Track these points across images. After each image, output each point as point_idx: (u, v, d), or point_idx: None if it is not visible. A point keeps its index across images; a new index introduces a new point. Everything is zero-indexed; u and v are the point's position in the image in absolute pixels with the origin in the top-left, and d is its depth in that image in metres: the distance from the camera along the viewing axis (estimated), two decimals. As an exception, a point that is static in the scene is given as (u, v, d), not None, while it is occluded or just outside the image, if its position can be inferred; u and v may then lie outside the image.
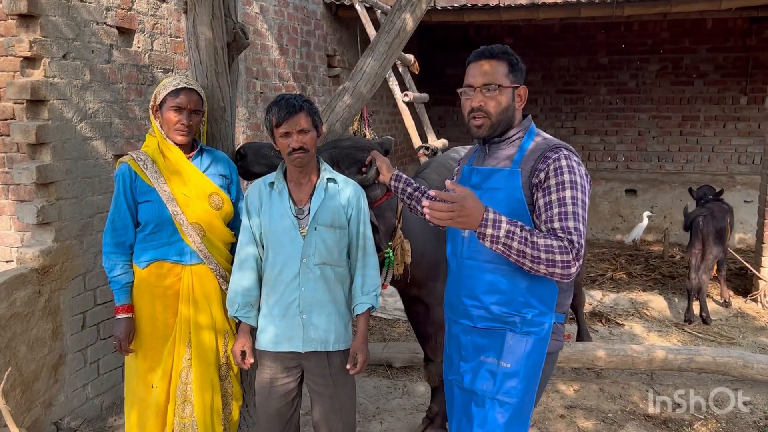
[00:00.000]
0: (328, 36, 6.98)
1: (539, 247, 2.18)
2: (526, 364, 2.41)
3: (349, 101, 3.40)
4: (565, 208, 2.25)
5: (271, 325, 2.85)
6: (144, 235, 2.98)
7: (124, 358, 4.00)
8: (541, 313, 2.40)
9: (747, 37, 9.69)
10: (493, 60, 2.41)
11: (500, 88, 2.39)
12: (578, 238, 2.22)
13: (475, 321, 2.49)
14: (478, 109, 2.41)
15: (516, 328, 2.41)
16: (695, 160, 10.16)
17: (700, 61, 9.99)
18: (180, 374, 3.01)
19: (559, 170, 2.29)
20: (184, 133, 2.96)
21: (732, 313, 6.36)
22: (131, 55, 3.99)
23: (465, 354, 2.55)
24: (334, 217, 2.84)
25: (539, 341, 2.41)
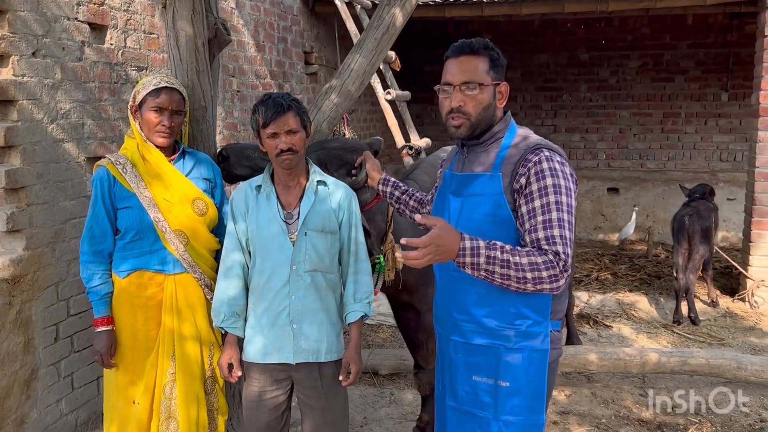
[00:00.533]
0: (305, 32, 6.89)
1: (523, 267, 2.08)
2: (528, 379, 2.30)
3: (337, 100, 3.33)
4: (550, 215, 2.13)
5: (259, 336, 2.77)
6: (124, 243, 2.88)
7: (100, 371, 3.92)
8: (536, 323, 2.29)
9: (727, 33, 9.79)
10: (474, 56, 2.28)
11: (481, 87, 2.26)
12: (564, 247, 2.11)
13: (466, 336, 2.37)
14: (457, 109, 2.28)
15: (510, 342, 2.29)
16: (677, 158, 10.24)
17: (681, 57, 10.07)
18: (164, 389, 2.92)
19: (541, 174, 2.17)
20: (166, 135, 2.86)
21: (720, 313, 6.41)
22: (104, 52, 3.88)
23: (457, 373, 2.42)
24: (325, 222, 2.77)
25: (538, 353, 2.30)
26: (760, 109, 6.26)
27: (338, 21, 7.30)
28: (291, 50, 6.58)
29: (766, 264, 6.40)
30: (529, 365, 2.29)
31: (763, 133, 6.27)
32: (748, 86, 9.76)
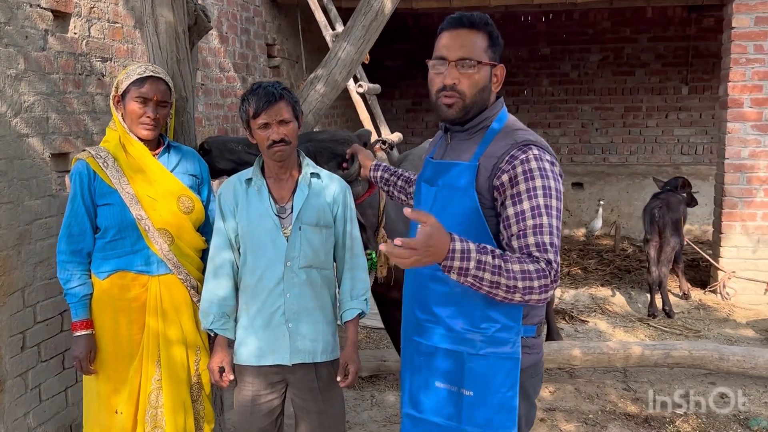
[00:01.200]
0: (267, 24, 6.78)
1: (515, 275, 1.89)
2: (494, 389, 2.11)
3: (323, 90, 3.27)
4: (540, 220, 1.96)
5: (253, 337, 2.70)
6: (104, 242, 2.77)
7: (69, 381, 3.77)
8: (505, 328, 2.10)
9: (686, 26, 10.02)
10: (473, 30, 2.10)
11: (479, 65, 2.08)
12: (554, 255, 1.96)
13: (428, 338, 2.21)
14: (451, 87, 2.09)
15: (475, 347, 2.11)
16: (639, 152, 10.44)
17: (641, 50, 10.28)
18: (149, 397, 2.81)
19: (530, 174, 1.99)
20: (150, 127, 2.76)
21: (693, 305, 6.54)
22: (67, 41, 3.72)
23: (418, 378, 2.27)
24: (320, 216, 2.71)
25: (506, 361, 2.10)
26: (729, 101, 6.40)
27: (301, 12, 7.22)
28: (254, 42, 6.47)
29: (736, 255, 6.55)
30: (495, 374, 2.11)
31: (732, 124, 6.42)
32: (707, 79, 10.05)
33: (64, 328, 3.75)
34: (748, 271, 6.51)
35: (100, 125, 3.98)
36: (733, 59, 6.33)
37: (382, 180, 2.92)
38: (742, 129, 6.40)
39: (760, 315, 6.25)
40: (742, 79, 6.35)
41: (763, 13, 6.24)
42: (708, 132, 10.21)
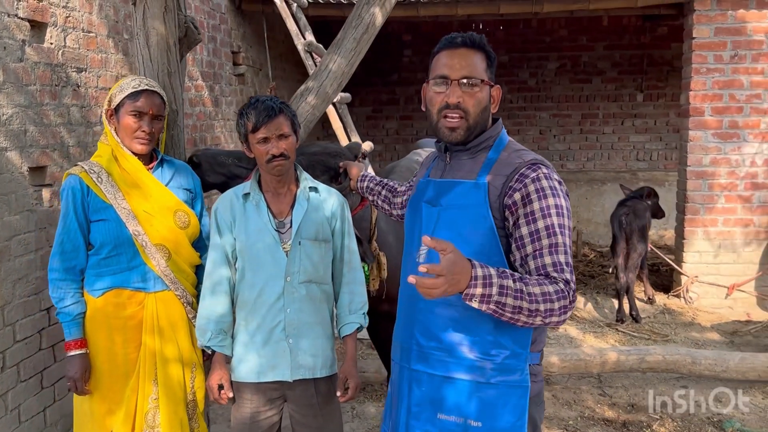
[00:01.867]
0: (233, 31, 6.75)
1: (537, 298, 1.87)
2: (503, 419, 2.06)
3: (314, 102, 3.28)
4: (555, 239, 1.96)
5: (253, 354, 2.69)
6: (99, 259, 2.73)
7: (48, 401, 3.70)
8: (514, 355, 2.05)
9: (641, 35, 10.31)
10: (473, 50, 2.10)
11: (481, 84, 2.08)
12: (571, 275, 1.95)
13: (433, 366, 2.13)
14: (455, 106, 2.07)
15: (485, 375, 2.06)
16: (596, 158, 10.69)
17: (598, 58, 10.53)
18: (146, 417, 2.78)
19: (542, 192, 1.99)
20: (146, 142, 2.74)
21: (658, 309, 6.72)
22: (44, 52, 3.66)
23: (418, 411, 2.17)
24: (319, 230, 2.72)
25: (516, 389, 2.06)
26: (690, 110, 6.61)
27: (267, 20, 7.20)
28: (220, 50, 6.43)
29: (699, 260, 6.76)
30: (505, 404, 2.06)
31: (693, 132, 6.64)
32: (662, 87, 10.36)
33: (42, 346, 3.68)
34: (710, 275, 6.73)
35: (75, 137, 3.92)
36: (694, 69, 6.55)
37: (368, 190, 2.93)
38: (703, 137, 6.62)
39: (723, 318, 6.47)
40: (703, 88, 6.57)
41: (722, 24, 6.48)
42: (663, 138, 10.51)
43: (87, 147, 4.04)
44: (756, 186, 6.64)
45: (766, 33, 6.47)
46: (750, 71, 6.52)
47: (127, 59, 4.53)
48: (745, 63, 6.51)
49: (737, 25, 6.47)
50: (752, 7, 6.44)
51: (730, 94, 6.57)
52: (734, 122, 6.60)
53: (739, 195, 6.68)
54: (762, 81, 6.52)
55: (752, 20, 6.46)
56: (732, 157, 6.63)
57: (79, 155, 3.94)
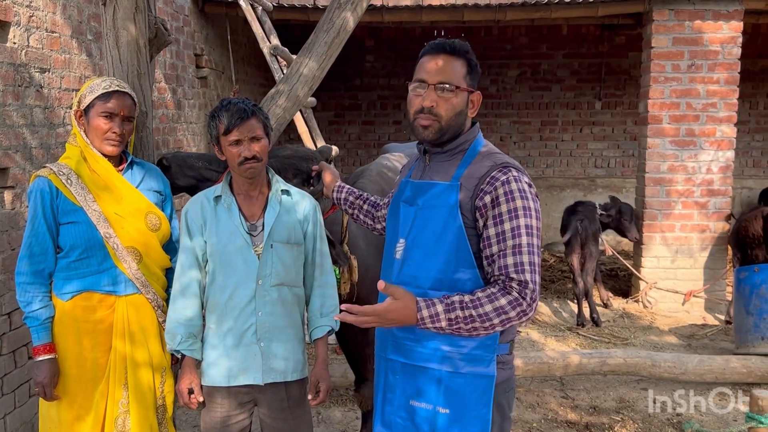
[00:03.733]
0: (195, 34, 6.70)
1: (488, 315, 2.04)
2: (470, 407, 2.18)
3: (285, 105, 3.28)
4: (519, 240, 2.08)
5: (224, 357, 2.68)
6: (68, 262, 2.69)
7: (7, 409, 3.62)
8: (482, 346, 2.17)
9: (599, 44, 10.52)
10: (453, 56, 2.22)
11: (456, 90, 2.19)
12: (532, 275, 2.07)
13: (407, 356, 2.26)
14: (428, 110, 2.19)
15: (454, 365, 2.18)
16: (555, 165, 10.86)
17: (557, 66, 10.71)
18: (116, 422, 2.75)
19: (510, 195, 2.10)
20: (116, 143, 2.71)
21: (618, 314, 6.87)
22: (7, 51, 3.60)
23: (392, 397, 2.31)
24: (290, 233, 2.72)
25: (482, 379, 2.18)
26: (649, 117, 6.78)
27: (230, 23, 7.18)
28: (183, 52, 6.38)
29: (656, 265, 6.93)
30: (472, 392, 2.18)
31: (651, 140, 6.80)
32: (619, 95, 10.59)
33: (2, 352, 3.62)
34: (667, 280, 6.90)
35: (38, 139, 3.87)
36: (653, 77, 6.72)
37: (346, 203, 2.94)
38: (661, 144, 6.80)
39: (680, 322, 6.64)
40: (661, 96, 6.75)
41: (680, 34, 6.66)
42: (620, 146, 10.73)
43: (50, 149, 3.98)
44: (712, 192, 6.83)
45: (722, 43, 6.67)
46: (706, 80, 6.72)
47: (91, 60, 4.48)
48: (702, 72, 6.71)
49: (694, 35, 6.67)
50: (708, 18, 6.64)
51: (687, 102, 6.76)
52: (691, 130, 6.78)
53: (696, 201, 6.87)
54: (718, 90, 6.72)
55: (708, 31, 6.66)
56: (689, 164, 6.82)
57: (42, 157, 3.88)
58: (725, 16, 6.64)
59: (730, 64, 6.72)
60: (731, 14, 6.65)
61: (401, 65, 10.75)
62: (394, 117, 10.98)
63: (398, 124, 10.95)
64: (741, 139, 8.98)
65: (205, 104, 6.96)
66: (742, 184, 10.14)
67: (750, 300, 5.41)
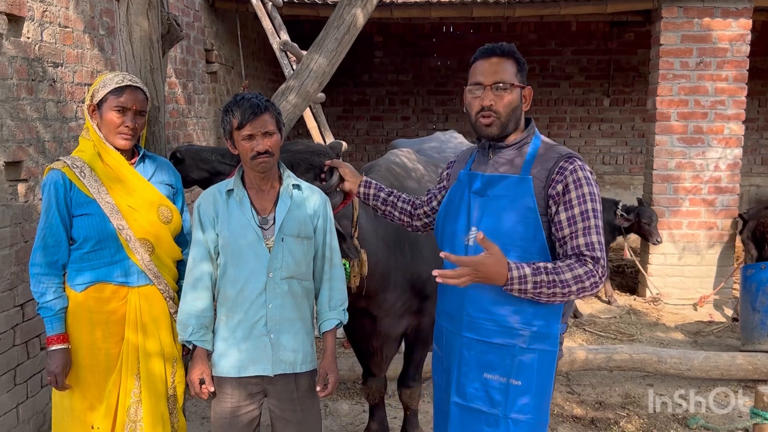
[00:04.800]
0: (206, 29, 6.74)
1: (568, 283, 2.27)
2: (538, 379, 2.45)
3: (295, 101, 3.32)
4: (588, 222, 2.34)
5: (234, 349, 2.71)
6: (81, 254, 2.73)
7: (20, 398, 3.67)
8: (549, 324, 2.44)
9: (608, 41, 10.52)
10: (504, 58, 2.45)
11: (511, 87, 2.43)
12: (601, 252, 2.34)
13: (482, 334, 2.49)
14: (488, 108, 2.43)
15: (525, 342, 2.44)
16: (563, 161, 10.83)
17: (566, 63, 10.72)
18: (128, 411, 2.79)
19: (578, 183, 2.37)
20: (129, 137, 2.75)
21: (624, 310, 6.89)
22: (21, 46, 3.64)
23: (467, 370, 2.54)
24: (301, 227, 2.76)
25: (549, 354, 2.46)
26: (657, 114, 6.79)
27: (239, 18, 7.21)
28: (193, 48, 6.42)
29: (664, 262, 6.95)
30: (540, 365, 2.44)
31: (660, 137, 6.81)
32: (628, 92, 10.58)
33: (16, 342, 3.67)
34: (674, 277, 6.92)
35: (51, 132, 3.91)
36: (661, 75, 6.72)
37: (377, 198, 3.02)
38: (669, 141, 6.80)
39: (687, 319, 6.65)
40: (669, 93, 6.75)
41: (689, 31, 6.66)
42: (628, 143, 10.72)
43: (62, 142, 4.03)
44: (719, 190, 6.83)
45: (731, 41, 6.67)
46: (715, 78, 6.72)
47: (103, 55, 4.52)
48: (710, 70, 6.71)
49: (703, 32, 6.66)
50: (717, 15, 6.64)
51: (696, 99, 6.76)
52: (699, 127, 6.79)
53: (703, 198, 6.87)
54: (726, 87, 6.72)
55: (717, 28, 6.66)
56: (697, 162, 6.82)
57: (54, 150, 3.93)
58: (734, 13, 6.64)
59: (739, 61, 6.72)
60: (740, 12, 6.64)
61: (410, 61, 10.78)
62: (403, 113, 11.00)
63: (406, 120, 10.98)
64: (749, 137, 8.97)
65: (214, 99, 7.00)
66: (750, 182, 10.14)
67: (756, 297, 5.42)
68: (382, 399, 4.00)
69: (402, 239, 3.49)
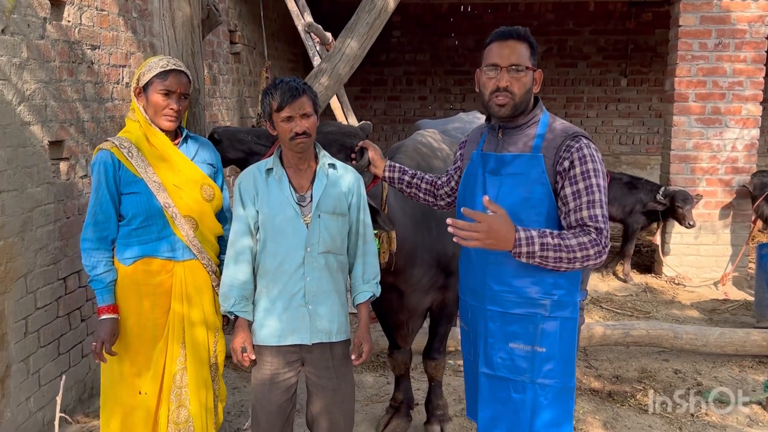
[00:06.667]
0: (230, 10, 6.86)
1: (573, 249, 2.38)
2: (561, 345, 2.58)
3: (327, 83, 3.46)
4: (592, 196, 2.45)
5: (274, 319, 2.87)
6: (130, 230, 2.91)
7: (64, 367, 3.87)
8: (569, 293, 2.56)
9: (626, 20, 10.56)
10: (519, 41, 2.54)
11: (526, 70, 2.53)
12: (604, 224, 2.45)
13: (505, 306, 2.61)
14: (504, 89, 2.51)
15: (547, 310, 2.55)
16: (580, 141, 10.91)
17: (583, 43, 10.77)
18: (174, 377, 2.98)
19: (583, 159, 2.47)
20: (173, 119, 2.91)
21: (641, 288, 7.02)
22: (63, 29, 3.79)
23: (493, 341, 2.67)
24: (336, 204, 2.90)
25: (569, 321, 2.58)
26: (675, 95, 6.87)
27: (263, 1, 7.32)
28: (218, 29, 6.53)
29: (680, 241, 7.07)
30: (562, 332, 2.58)
31: (677, 118, 6.90)
32: (645, 72, 10.63)
33: (59, 314, 3.85)
34: (690, 256, 7.05)
35: (90, 113, 4.07)
36: (680, 56, 6.80)
37: (401, 182, 3.15)
38: (686, 122, 6.89)
39: (702, 297, 6.78)
40: (688, 74, 6.83)
41: (708, 13, 6.73)
42: (645, 123, 10.80)
43: (100, 122, 4.19)
44: (736, 170, 6.93)
45: (749, 22, 6.73)
46: (733, 59, 6.79)
47: (136, 37, 4.67)
48: (729, 51, 6.78)
49: (722, 14, 6.73)
50: (736, -4, 6.70)
51: (714, 80, 6.84)
52: (717, 108, 6.87)
53: (720, 179, 6.97)
54: (744, 69, 6.79)
55: (736, 9, 6.72)
56: (714, 142, 6.92)
57: (93, 130, 4.09)
58: (753, -6, 6.70)
59: (758, 42, 6.78)
60: (759, -7, 6.70)
61: (427, 41, 10.85)
62: (420, 92, 11.10)
63: (423, 100, 11.09)
64: (766, 118, 9.02)
65: (238, 80, 7.13)
66: (766, 162, 10.19)
67: (771, 275, 5.54)
68: (408, 370, 4.16)
69: (428, 217, 3.62)
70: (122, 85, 4.49)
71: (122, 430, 2.98)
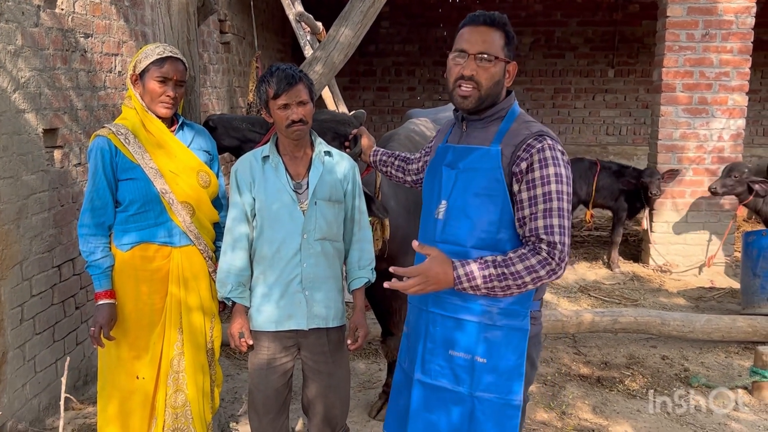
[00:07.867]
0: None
1: (521, 275, 2.19)
2: (505, 357, 2.34)
3: (322, 71, 3.48)
4: (550, 204, 2.21)
5: (271, 305, 2.90)
6: (127, 216, 2.92)
7: (59, 354, 3.89)
8: (519, 301, 2.32)
9: (614, 12, 10.63)
10: (493, 28, 2.32)
11: (495, 60, 2.30)
12: (561, 236, 2.21)
13: (448, 310, 2.41)
14: (468, 78, 2.30)
15: (492, 318, 2.34)
16: (567, 132, 11.02)
17: (571, 34, 10.83)
18: (171, 362, 3.01)
19: (544, 162, 2.23)
20: (170, 106, 2.93)
21: (628, 276, 7.11)
22: (56, 17, 3.80)
23: (432, 347, 2.46)
24: (332, 191, 2.93)
25: (519, 332, 2.34)
26: (662, 85, 6.94)
27: (253, -11, 7.32)
28: (208, 18, 6.54)
29: (667, 230, 7.15)
30: (508, 344, 2.34)
31: (665, 108, 6.97)
32: (632, 63, 10.71)
33: (54, 301, 3.87)
34: (677, 244, 7.13)
35: (83, 101, 4.08)
36: (667, 46, 6.86)
37: (381, 163, 3.15)
38: (674, 112, 6.97)
39: (689, 285, 6.87)
40: (675, 65, 6.90)
41: (695, 4, 6.79)
42: (632, 114, 10.88)
43: (93, 111, 4.20)
44: (722, 160, 7.01)
45: (736, 13, 6.80)
46: (720, 50, 6.86)
47: (128, 26, 4.67)
48: (716, 42, 6.85)
49: (709, 5, 6.79)
50: (723, -13, 6.77)
51: (701, 71, 6.91)
52: (703, 98, 6.95)
53: (707, 168, 7.06)
54: (731, 59, 6.87)
55: (723, 1, 6.79)
56: (700, 132, 7.00)
57: (86, 119, 4.10)
58: (740, -15, 6.78)
59: (744, 33, 6.85)
60: (746, -16, 6.78)
61: (416, 32, 10.88)
62: (409, 83, 11.13)
63: (412, 90, 11.12)
64: (752, 108, 9.11)
65: (228, 69, 7.14)
66: (752, 152, 10.32)
67: (757, 262, 5.62)
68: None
69: (420, 205, 3.66)
70: (114, 74, 4.50)
71: (120, 414, 3.01)
